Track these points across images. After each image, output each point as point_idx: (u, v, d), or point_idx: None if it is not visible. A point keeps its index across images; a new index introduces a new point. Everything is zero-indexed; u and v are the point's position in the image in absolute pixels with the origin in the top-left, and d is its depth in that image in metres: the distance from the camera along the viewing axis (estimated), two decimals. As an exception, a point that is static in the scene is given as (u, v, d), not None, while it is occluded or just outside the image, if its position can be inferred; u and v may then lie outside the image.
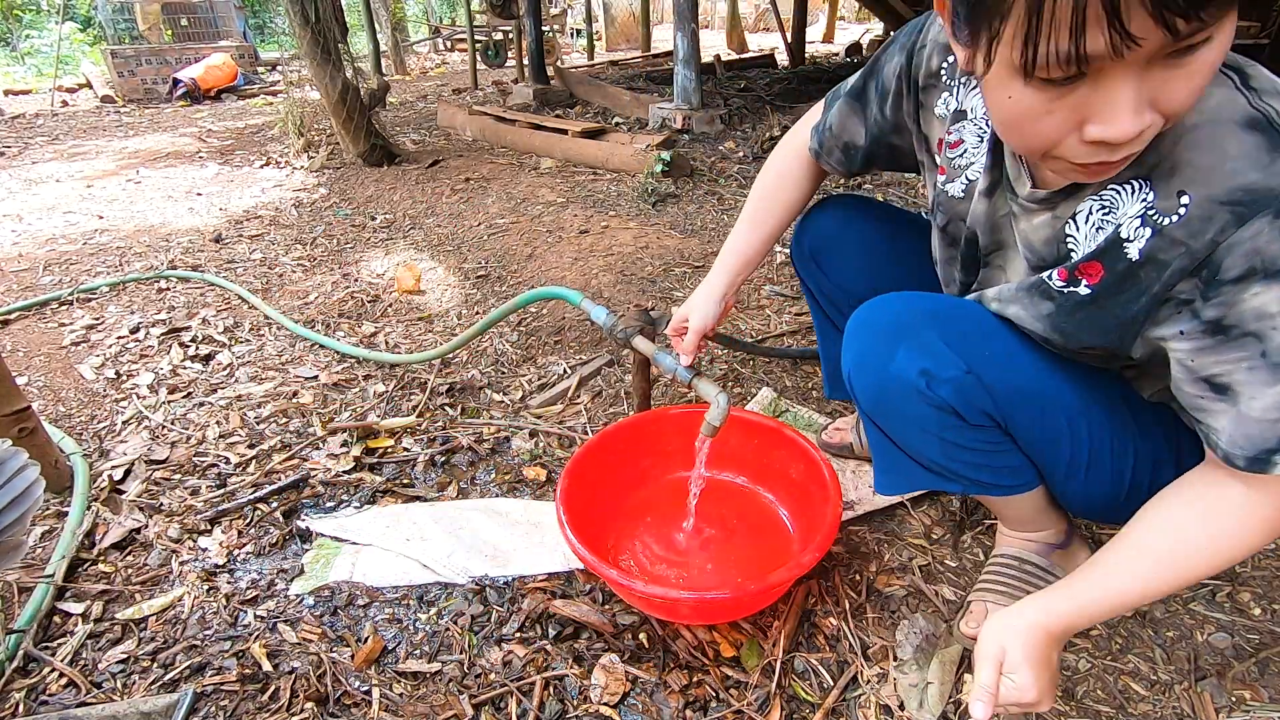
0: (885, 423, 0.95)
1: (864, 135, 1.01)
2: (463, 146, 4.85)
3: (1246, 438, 0.65)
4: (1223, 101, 0.62)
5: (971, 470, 0.94)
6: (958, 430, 0.89)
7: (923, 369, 0.85)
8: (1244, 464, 0.66)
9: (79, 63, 10.22)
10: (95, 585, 1.25)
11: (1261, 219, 0.59)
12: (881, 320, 0.90)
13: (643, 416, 1.35)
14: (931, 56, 0.87)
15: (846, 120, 1.02)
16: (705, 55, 5.82)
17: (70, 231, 3.33)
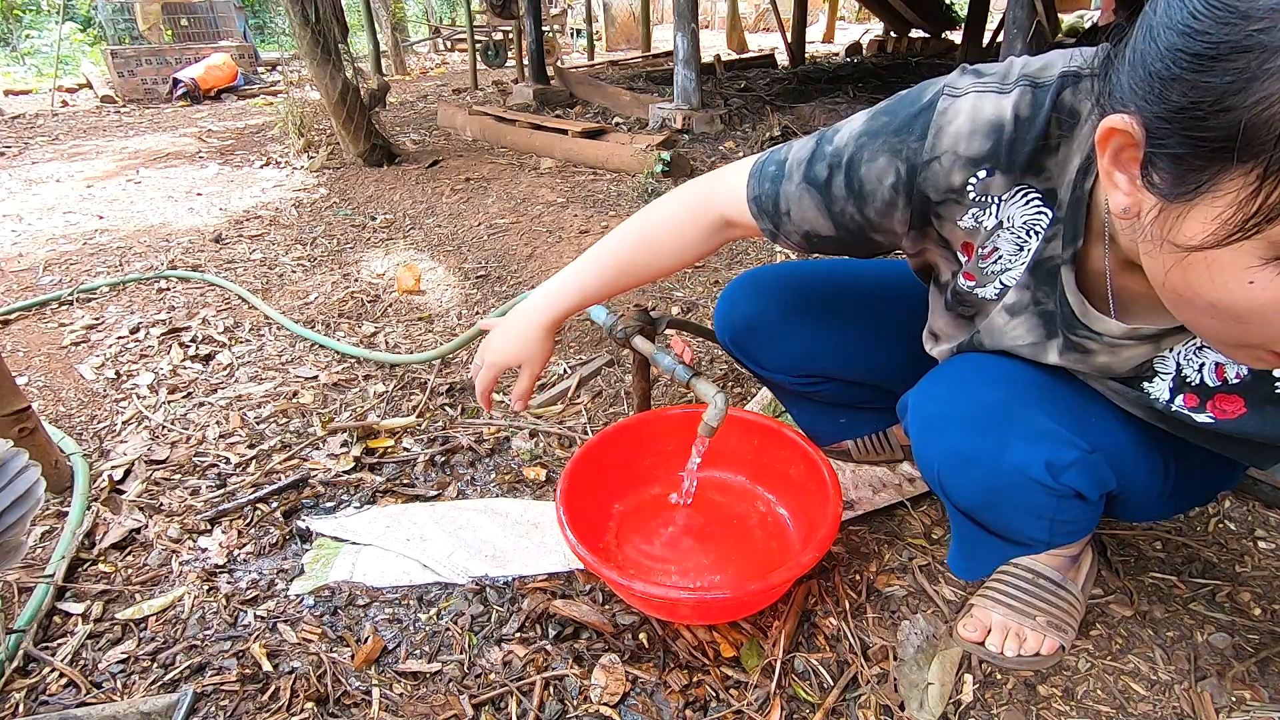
0: (990, 516, 0.87)
1: (832, 228, 0.83)
2: (463, 146, 4.85)
3: None
4: None
5: (1068, 535, 0.89)
6: (1074, 509, 0.83)
7: (1047, 461, 0.75)
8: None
9: (79, 63, 10.22)
10: (95, 585, 1.25)
11: None
12: (975, 409, 0.78)
13: (642, 417, 1.35)
14: (951, 173, 0.70)
15: (807, 211, 0.83)
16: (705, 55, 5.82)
17: (70, 231, 3.33)
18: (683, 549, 1.23)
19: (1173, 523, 1.28)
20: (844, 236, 0.84)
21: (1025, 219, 0.71)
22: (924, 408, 0.84)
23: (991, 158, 0.67)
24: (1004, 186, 0.69)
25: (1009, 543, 0.93)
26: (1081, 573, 1.07)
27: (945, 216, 0.76)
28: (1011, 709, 0.96)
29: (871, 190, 0.77)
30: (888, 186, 0.75)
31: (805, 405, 1.30)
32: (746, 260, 2.60)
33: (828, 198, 0.81)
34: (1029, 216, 0.70)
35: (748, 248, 2.71)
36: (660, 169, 3.47)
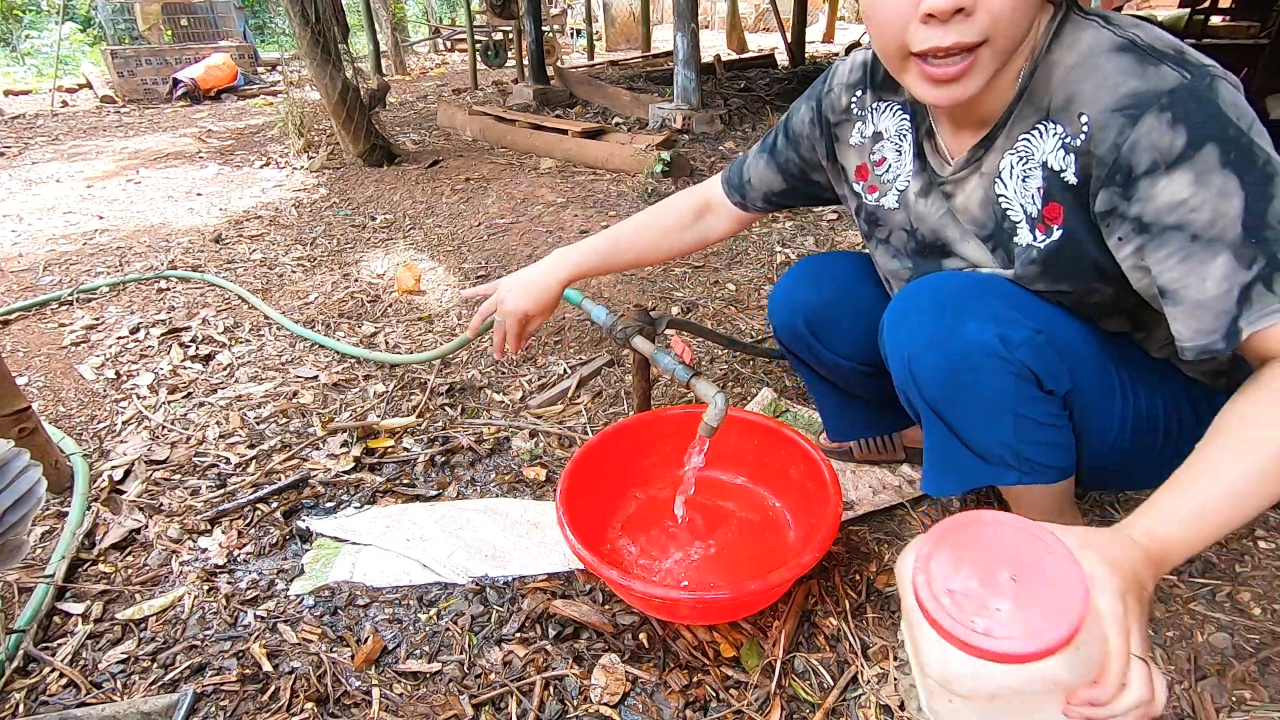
0: (954, 407, 0.90)
1: (783, 180, 1.14)
2: (463, 146, 4.85)
3: (1214, 318, 0.69)
4: (1093, 39, 0.74)
5: (1035, 450, 0.90)
6: (1033, 402, 0.86)
7: (999, 334, 0.83)
8: (1227, 345, 0.69)
9: (79, 63, 10.22)
10: (95, 585, 1.25)
11: (1149, 115, 0.68)
12: (935, 298, 0.88)
13: (643, 417, 1.35)
14: (840, 96, 1.01)
15: (765, 175, 1.15)
16: (705, 55, 5.83)
17: (70, 232, 3.33)
18: (683, 549, 1.23)
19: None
20: (793, 185, 1.14)
21: (895, 126, 0.96)
22: (893, 309, 0.93)
23: (862, 82, 0.99)
24: (875, 97, 0.98)
25: (979, 458, 0.92)
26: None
27: (842, 138, 1.03)
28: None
29: (799, 132, 1.08)
30: (808, 123, 1.07)
31: (839, 397, 1.33)
32: (746, 260, 2.60)
33: (774, 153, 1.13)
34: (897, 124, 0.96)
35: (747, 248, 2.71)
36: (660, 169, 3.47)
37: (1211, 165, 0.66)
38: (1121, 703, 0.55)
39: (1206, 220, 0.67)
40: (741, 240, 2.81)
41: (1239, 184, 0.66)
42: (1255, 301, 0.67)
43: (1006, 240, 0.87)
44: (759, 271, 2.49)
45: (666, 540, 1.24)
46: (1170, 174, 0.68)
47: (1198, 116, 0.67)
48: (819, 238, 2.81)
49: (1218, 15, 7.66)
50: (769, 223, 2.99)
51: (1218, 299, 0.68)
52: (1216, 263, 0.68)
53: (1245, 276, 0.67)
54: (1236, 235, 0.67)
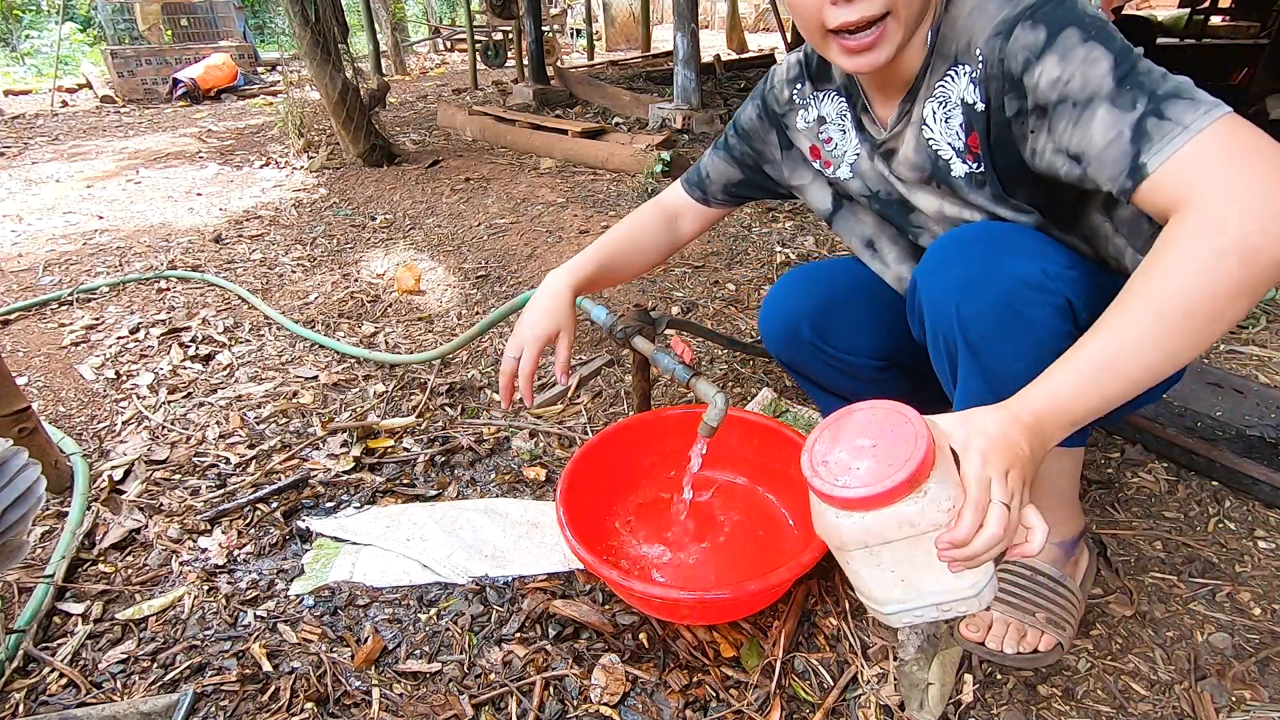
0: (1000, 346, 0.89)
1: (739, 171, 1.22)
2: (463, 146, 4.85)
3: (1114, 162, 0.73)
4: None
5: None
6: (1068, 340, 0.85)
7: (1041, 268, 0.85)
8: (1134, 183, 0.72)
9: (79, 63, 10.22)
10: (95, 585, 1.25)
11: (1018, 27, 0.79)
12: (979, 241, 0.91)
13: (642, 417, 1.35)
14: (781, 90, 1.12)
15: (722, 169, 1.23)
16: (705, 55, 5.82)
17: (70, 232, 3.33)
18: (682, 549, 1.23)
19: (1173, 523, 1.28)
20: (750, 176, 1.22)
21: (834, 109, 1.06)
22: (930, 257, 0.95)
23: (800, 76, 1.09)
24: (813, 88, 1.08)
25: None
26: (1079, 570, 1.08)
27: (791, 125, 1.13)
28: (1011, 709, 0.96)
29: (750, 128, 1.18)
30: (755, 119, 1.17)
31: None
32: (746, 260, 2.60)
33: (729, 148, 1.21)
34: (835, 106, 1.06)
35: (747, 248, 2.71)
36: (660, 169, 3.47)
37: (1073, 43, 0.75)
38: (977, 541, 0.63)
39: (1080, 85, 0.75)
40: (742, 240, 2.81)
41: (1103, 50, 0.74)
42: (1153, 134, 0.70)
43: (945, 176, 0.95)
44: (759, 271, 2.49)
45: (666, 540, 1.24)
46: (1042, 60, 0.77)
47: (1054, 14, 0.77)
48: (819, 238, 2.81)
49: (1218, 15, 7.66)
50: (769, 223, 2.99)
51: (1112, 144, 0.73)
52: (1098, 116, 0.74)
53: (1131, 117, 0.72)
54: (1110, 88, 0.73)
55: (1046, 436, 0.69)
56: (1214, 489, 1.35)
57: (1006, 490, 0.64)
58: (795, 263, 2.55)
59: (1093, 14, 0.77)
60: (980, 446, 0.66)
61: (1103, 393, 0.68)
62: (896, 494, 0.65)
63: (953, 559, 0.65)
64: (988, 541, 0.63)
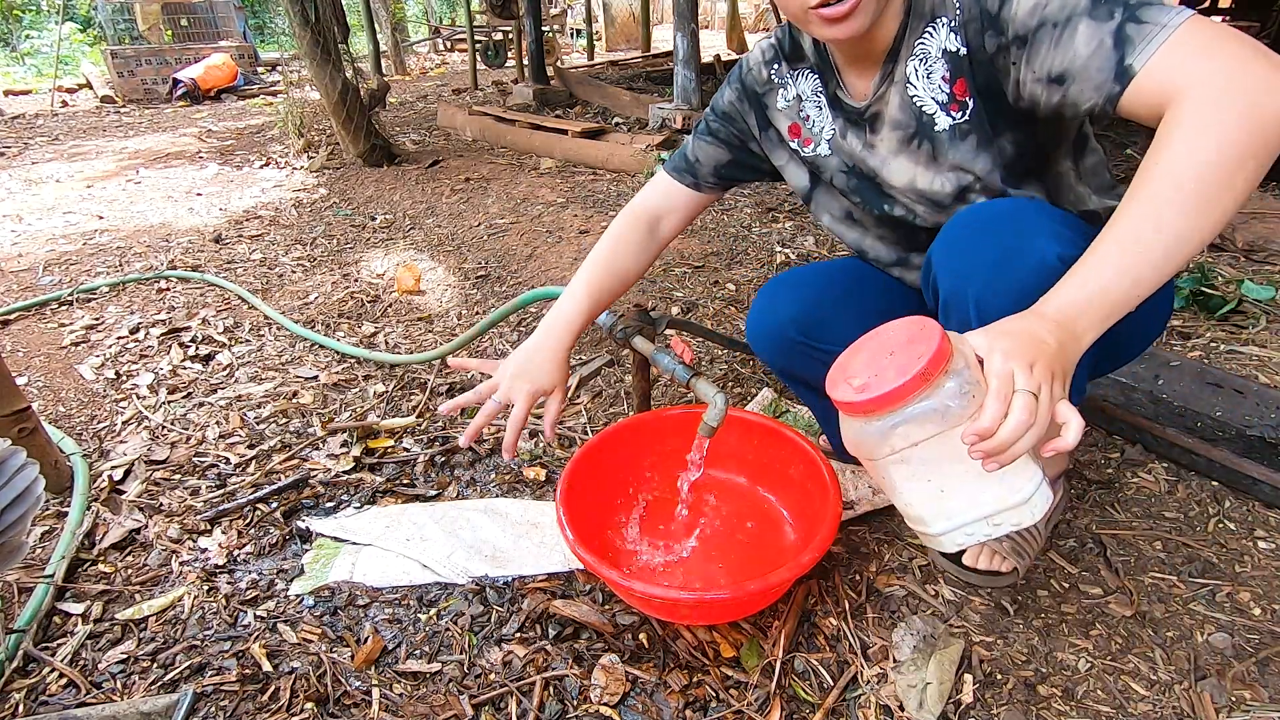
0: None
1: (727, 151, 1.21)
2: (463, 146, 4.85)
3: (1099, 71, 0.75)
4: None
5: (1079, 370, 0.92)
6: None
7: (1059, 253, 0.85)
8: (1121, 86, 0.74)
9: (79, 63, 10.22)
10: (95, 585, 1.25)
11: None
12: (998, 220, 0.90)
13: (642, 417, 1.35)
14: (760, 71, 1.13)
15: (709, 151, 1.21)
16: (705, 55, 5.82)
17: (70, 231, 3.33)
18: (683, 549, 1.23)
19: (1173, 522, 1.28)
20: (738, 156, 1.21)
21: (810, 87, 1.09)
22: (945, 237, 0.95)
23: (776, 57, 1.11)
24: (789, 68, 1.10)
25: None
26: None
27: (770, 105, 1.14)
28: (1011, 709, 0.96)
29: (730, 111, 1.18)
30: (734, 101, 1.17)
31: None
32: (746, 260, 2.60)
33: (712, 131, 1.21)
34: (810, 85, 1.08)
35: (747, 248, 2.71)
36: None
37: None
38: (1004, 431, 0.63)
39: (1058, 6, 0.78)
40: (742, 240, 2.81)
41: None
42: (1134, 38, 0.73)
43: (929, 131, 0.97)
44: (759, 272, 2.49)
45: (666, 540, 1.24)
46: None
47: None
48: (819, 238, 2.80)
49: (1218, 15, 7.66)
50: (769, 223, 2.99)
51: (1095, 53, 0.75)
52: (1079, 31, 0.76)
53: (1110, 26, 0.74)
54: (1086, 4, 0.76)
55: (1078, 330, 0.69)
56: (1214, 489, 1.35)
57: (1033, 380, 0.64)
58: (795, 263, 2.55)
59: None
60: (1002, 345, 0.67)
61: (1128, 282, 0.69)
62: (911, 388, 0.66)
63: (984, 452, 0.64)
64: (1015, 429, 0.63)
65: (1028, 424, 0.63)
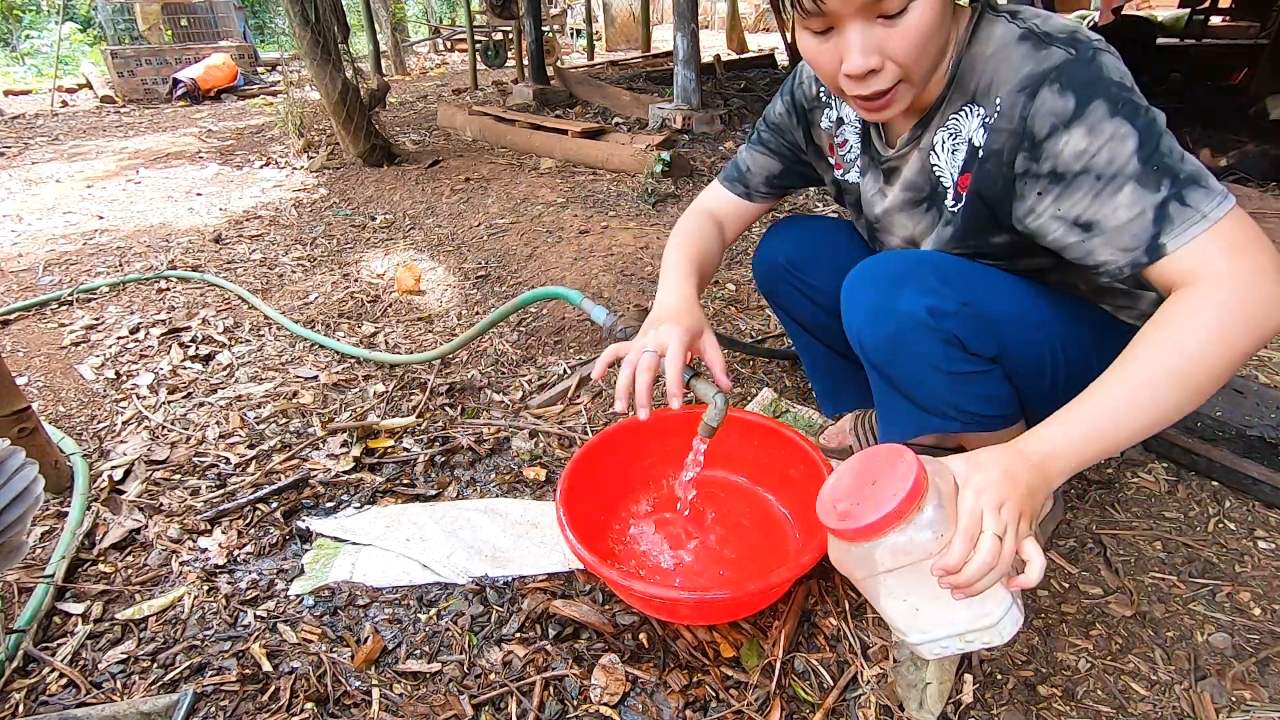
0: (895, 368, 1.02)
1: (779, 162, 1.23)
2: (463, 147, 4.85)
3: (1133, 238, 0.78)
4: (1003, 32, 0.87)
5: (974, 403, 1.02)
6: (962, 360, 0.98)
7: (927, 305, 0.94)
8: (1149, 260, 0.77)
9: (79, 63, 10.22)
10: (95, 585, 1.25)
11: (1044, 89, 0.81)
12: (881, 272, 1.00)
13: (643, 416, 1.35)
14: (810, 86, 1.14)
15: (762, 161, 1.24)
16: (705, 55, 5.82)
17: (70, 232, 3.33)
18: (682, 549, 1.23)
19: (1173, 522, 1.28)
20: (790, 165, 1.23)
21: (852, 113, 1.08)
22: (848, 282, 1.03)
23: None
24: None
25: (920, 409, 1.05)
26: (1041, 512, 1.19)
27: (814, 122, 1.16)
28: (1011, 709, 0.96)
29: (780, 123, 1.20)
30: (784, 114, 1.19)
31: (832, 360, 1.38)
32: (746, 260, 2.60)
33: (764, 142, 1.23)
34: (853, 112, 1.07)
35: (747, 248, 2.71)
36: (660, 169, 3.47)
37: (1101, 116, 0.78)
38: (968, 569, 0.69)
39: (1106, 160, 0.78)
40: (742, 240, 2.81)
41: (1130, 127, 0.77)
42: (1175, 218, 0.75)
43: (940, 201, 1.00)
44: (759, 271, 2.49)
45: (666, 540, 1.24)
46: (1069, 130, 0.79)
47: (1082, 80, 0.79)
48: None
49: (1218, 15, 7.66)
50: (768, 222, 2.99)
51: (1132, 220, 0.77)
52: (1124, 193, 0.77)
53: (1155, 198, 0.76)
54: (1136, 168, 0.77)
55: (1050, 475, 0.74)
56: (1214, 489, 1.35)
57: (999, 522, 0.70)
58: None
59: (1118, 80, 0.79)
60: (977, 482, 0.72)
61: (1110, 439, 0.75)
62: (885, 524, 0.73)
63: (950, 585, 0.71)
64: (978, 569, 0.69)
65: (990, 565, 0.69)
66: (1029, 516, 0.72)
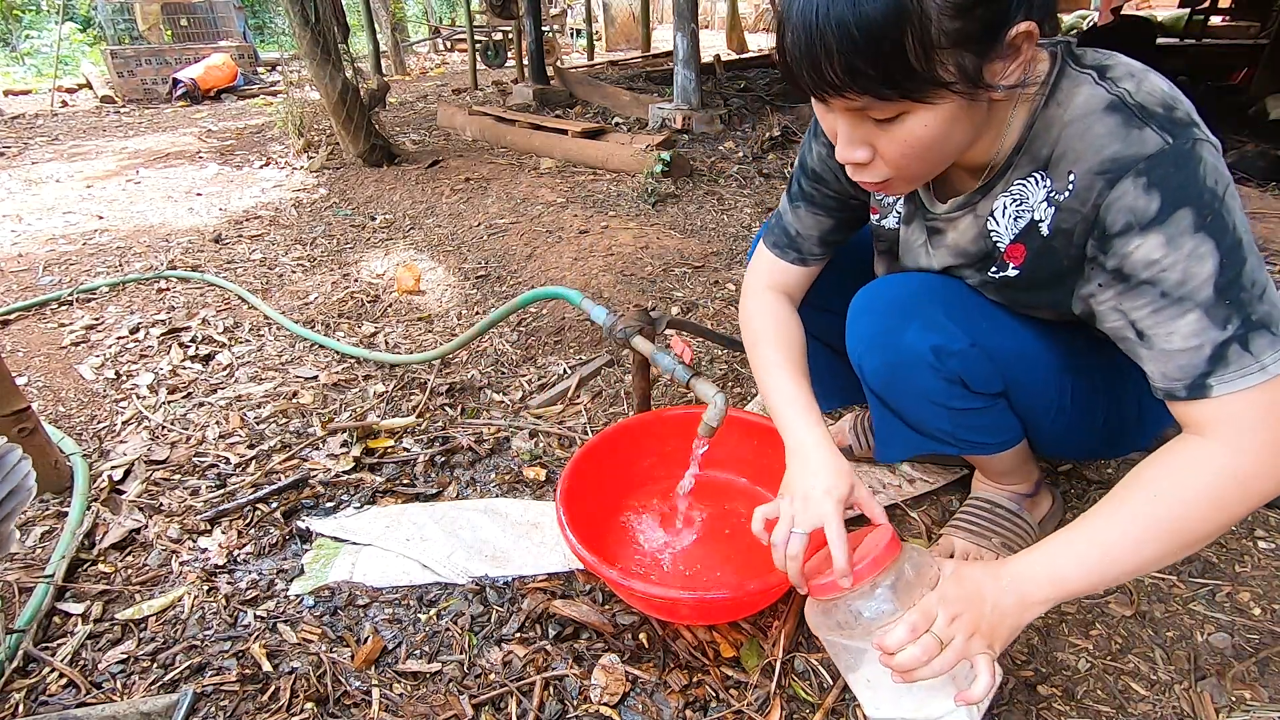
0: (895, 399, 1.01)
1: (828, 216, 1.06)
2: (463, 147, 4.85)
3: (1180, 369, 0.72)
4: (1088, 96, 0.75)
5: (973, 433, 1.02)
6: (964, 398, 0.97)
7: (934, 345, 0.91)
8: (1185, 393, 0.72)
9: (79, 63, 10.22)
10: (95, 585, 1.25)
11: (1126, 180, 0.71)
12: (887, 300, 0.96)
13: (642, 417, 1.35)
14: None
15: (809, 221, 1.07)
16: (705, 55, 5.82)
17: (70, 232, 3.33)
18: (683, 549, 1.23)
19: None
20: (842, 219, 1.07)
21: None
22: (855, 305, 1.01)
23: None
24: None
25: (918, 433, 1.04)
26: (1039, 509, 1.21)
27: None
28: (1011, 709, 0.96)
29: (820, 170, 1.02)
30: (824, 158, 1.01)
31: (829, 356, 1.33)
32: (746, 260, 2.60)
33: (807, 197, 1.06)
34: None
35: (747, 248, 2.71)
36: (660, 169, 3.47)
37: (1184, 229, 0.69)
38: (901, 655, 0.72)
39: (1177, 279, 0.70)
40: (741, 240, 2.81)
41: (1213, 247, 0.68)
42: (1232, 361, 0.69)
43: (987, 266, 0.93)
44: (759, 271, 2.48)
45: (666, 540, 1.24)
46: (1144, 234, 0.71)
47: (1174, 182, 0.69)
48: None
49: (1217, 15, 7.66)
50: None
51: (1185, 353, 0.71)
52: (1185, 320, 0.71)
53: (1219, 335, 0.69)
54: (1208, 296, 0.69)
55: (1029, 599, 0.74)
56: (1214, 489, 1.35)
57: (948, 631, 0.72)
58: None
59: (1212, 185, 0.69)
60: (946, 589, 0.74)
61: (1095, 579, 0.74)
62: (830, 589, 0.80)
63: (886, 665, 0.73)
64: (909, 660, 0.71)
65: (920, 660, 0.70)
66: (984, 637, 0.73)
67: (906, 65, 0.65)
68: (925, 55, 0.64)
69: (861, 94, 0.67)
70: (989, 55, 0.67)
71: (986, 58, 0.67)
